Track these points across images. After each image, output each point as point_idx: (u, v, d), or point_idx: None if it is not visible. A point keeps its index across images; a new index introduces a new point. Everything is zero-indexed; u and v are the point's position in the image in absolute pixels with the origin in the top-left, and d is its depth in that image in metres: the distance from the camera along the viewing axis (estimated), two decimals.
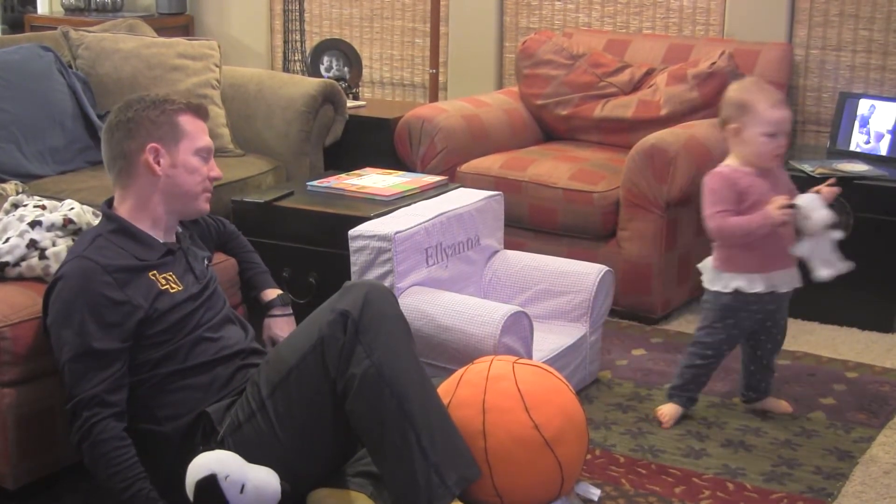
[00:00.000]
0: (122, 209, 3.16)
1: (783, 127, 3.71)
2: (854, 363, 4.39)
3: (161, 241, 3.17)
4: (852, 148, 5.11)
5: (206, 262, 3.33)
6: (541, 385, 3.17)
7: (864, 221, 4.67)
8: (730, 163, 3.79)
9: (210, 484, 2.82)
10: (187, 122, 3.17)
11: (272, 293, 3.58)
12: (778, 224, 3.65)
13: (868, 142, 5.09)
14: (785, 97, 5.17)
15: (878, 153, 5.05)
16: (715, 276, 3.81)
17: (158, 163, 3.12)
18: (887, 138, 5.05)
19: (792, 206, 3.65)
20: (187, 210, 3.22)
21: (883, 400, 4.07)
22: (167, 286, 3.09)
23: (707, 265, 3.86)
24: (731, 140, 3.77)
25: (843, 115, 5.16)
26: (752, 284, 3.76)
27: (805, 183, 4.70)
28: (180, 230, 3.30)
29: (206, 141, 3.21)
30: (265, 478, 2.90)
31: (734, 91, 3.78)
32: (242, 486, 2.84)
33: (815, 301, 4.79)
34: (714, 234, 3.75)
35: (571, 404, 3.19)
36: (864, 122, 5.11)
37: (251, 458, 2.93)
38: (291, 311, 3.58)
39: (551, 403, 3.13)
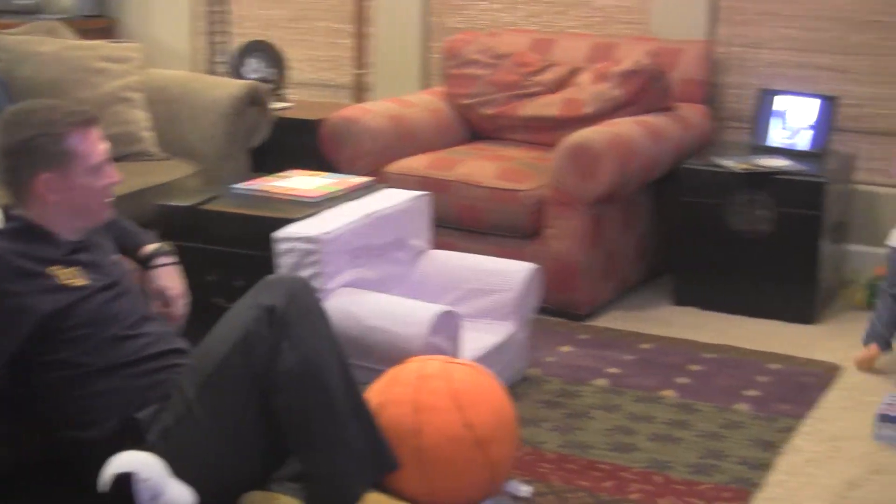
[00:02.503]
0: (24, 213, 3.13)
1: None
2: (777, 355, 4.45)
3: (66, 239, 3.14)
4: (773, 143, 5.18)
5: (114, 256, 3.30)
6: (473, 384, 3.20)
7: (786, 215, 4.74)
8: None
9: (127, 481, 2.82)
10: (78, 141, 3.07)
11: (152, 246, 3.50)
12: None
13: (788, 137, 5.17)
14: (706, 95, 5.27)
15: (798, 148, 5.12)
16: None
17: (52, 190, 3.05)
18: (807, 133, 5.13)
19: None
20: (87, 222, 3.18)
21: (805, 390, 4.13)
22: (70, 280, 3.07)
23: None
24: None
25: (763, 111, 5.23)
26: None
27: (728, 179, 4.79)
28: None
29: (99, 154, 3.12)
30: (183, 496, 2.90)
31: None
32: (157, 496, 2.84)
33: (739, 295, 4.86)
34: None
35: (503, 404, 3.23)
36: (784, 118, 5.19)
37: (183, 463, 2.93)
38: (176, 260, 3.51)
39: (483, 403, 3.16)
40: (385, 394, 3.16)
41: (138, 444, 2.99)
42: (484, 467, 3.12)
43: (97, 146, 3.13)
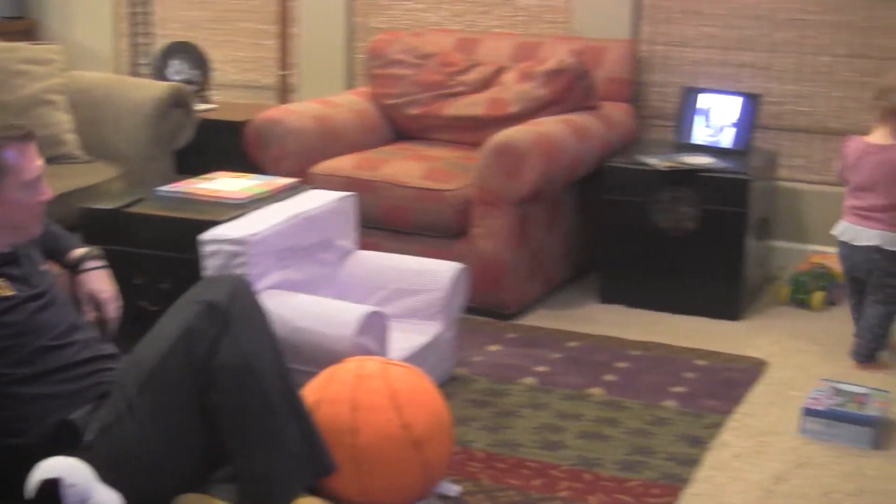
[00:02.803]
0: None
1: None
2: (703, 351, 4.48)
3: None
4: (697, 141, 5.22)
5: (43, 266, 3.28)
6: (410, 385, 3.20)
7: (710, 213, 4.77)
8: (884, 140, 4.34)
9: (53, 487, 2.79)
10: (15, 156, 3.04)
11: (81, 250, 3.47)
12: None
13: (711, 134, 5.20)
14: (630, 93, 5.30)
15: (721, 145, 5.16)
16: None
17: None
18: (730, 131, 5.17)
19: None
20: (18, 237, 3.15)
21: (732, 386, 4.16)
22: None
23: (891, 237, 4.32)
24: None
25: (687, 109, 5.27)
26: None
27: (652, 177, 4.81)
28: None
29: (33, 169, 3.09)
30: (110, 501, 2.87)
31: None
32: (84, 501, 2.82)
33: (665, 292, 4.89)
34: None
35: (439, 406, 3.23)
36: (708, 116, 5.22)
37: (120, 461, 2.92)
38: (105, 264, 3.48)
39: (420, 404, 3.16)
40: (322, 392, 3.16)
41: (74, 445, 2.97)
42: (419, 468, 3.13)
43: (33, 162, 3.10)
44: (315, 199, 4.03)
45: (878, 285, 4.34)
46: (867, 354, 4.36)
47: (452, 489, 3.33)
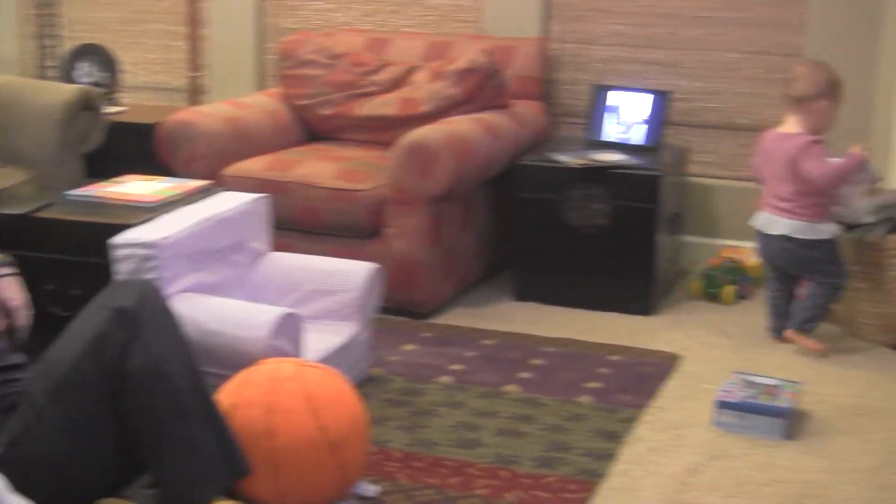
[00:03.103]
0: None
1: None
2: (617, 346, 4.52)
3: None
4: (608, 138, 5.25)
5: None
6: (327, 387, 3.19)
7: (622, 209, 4.81)
8: (795, 130, 4.43)
9: None
10: None
11: None
12: (862, 159, 4.42)
13: (622, 131, 5.24)
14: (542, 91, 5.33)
15: (632, 142, 5.20)
16: (816, 228, 4.42)
17: None
18: (640, 128, 5.21)
19: None
20: None
21: (646, 380, 4.20)
22: None
23: (799, 225, 4.42)
24: (804, 111, 4.41)
25: (597, 106, 5.30)
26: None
27: (564, 174, 4.84)
28: None
29: None
30: None
31: (816, 71, 4.44)
32: None
33: (578, 288, 4.92)
34: (826, 185, 4.38)
35: (355, 407, 3.23)
36: (618, 113, 5.26)
37: (34, 472, 2.88)
38: (16, 271, 3.41)
39: (337, 406, 3.16)
40: (237, 395, 3.14)
41: None
42: (336, 470, 3.12)
43: None
44: (227, 202, 4.01)
45: (810, 274, 4.43)
46: (802, 323, 4.47)
47: (370, 489, 3.33)
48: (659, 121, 5.20)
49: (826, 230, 4.41)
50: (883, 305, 4.51)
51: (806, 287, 4.54)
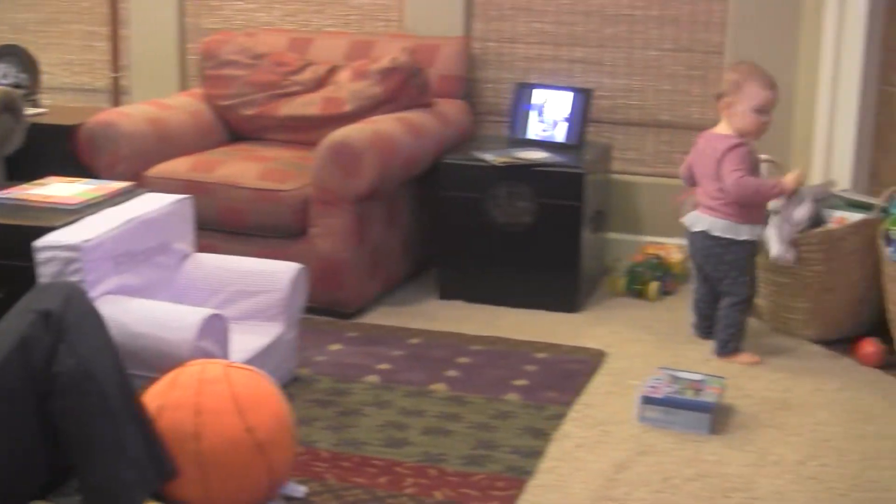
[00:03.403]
0: None
1: (770, 105, 4.35)
2: (543, 344, 4.53)
3: None
4: (531, 136, 5.27)
5: None
6: (254, 388, 3.18)
7: (546, 207, 4.83)
8: (724, 132, 4.40)
9: None
10: None
11: None
12: (786, 193, 4.38)
13: (545, 129, 5.26)
14: (464, 90, 5.33)
15: (555, 140, 5.22)
16: (735, 228, 4.39)
17: None
18: (564, 125, 5.23)
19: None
20: None
21: (572, 377, 4.22)
22: None
23: (719, 223, 4.40)
24: (724, 113, 4.40)
25: (521, 104, 5.32)
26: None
27: (488, 173, 4.85)
28: None
29: None
30: None
31: (730, 70, 4.47)
32: None
33: (504, 286, 4.93)
34: (735, 195, 4.33)
35: (282, 408, 3.22)
36: (541, 111, 5.28)
37: None
38: None
39: (264, 407, 3.15)
40: (165, 397, 3.12)
41: None
42: (264, 471, 3.11)
43: None
44: (151, 203, 3.98)
45: (719, 277, 4.44)
46: (722, 347, 4.45)
47: (298, 490, 3.32)
48: (582, 118, 5.22)
49: (745, 232, 4.39)
50: (806, 300, 4.56)
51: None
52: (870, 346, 4.40)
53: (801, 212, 4.41)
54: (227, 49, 5.44)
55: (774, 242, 4.43)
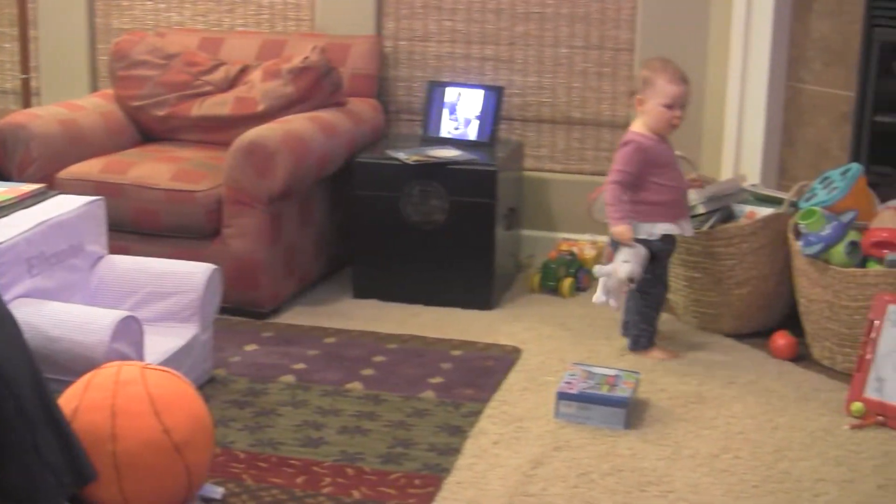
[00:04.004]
0: None
1: (678, 100, 4.34)
2: (458, 341, 4.55)
3: None
4: (443, 134, 5.29)
5: None
6: (170, 389, 3.17)
7: (459, 205, 4.84)
8: (638, 129, 4.39)
9: None
10: None
11: None
12: (623, 241, 4.30)
13: (457, 127, 5.28)
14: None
15: (468, 138, 5.24)
16: (636, 227, 4.35)
17: None
18: (475, 123, 5.25)
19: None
20: None
21: (488, 374, 4.23)
22: None
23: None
24: (637, 110, 4.41)
25: (433, 103, 5.33)
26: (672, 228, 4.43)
27: (400, 171, 4.86)
28: None
29: None
30: None
31: (642, 67, 4.50)
32: None
33: (418, 284, 4.94)
34: (608, 190, 4.35)
35: (199, 409, 3.21)
36: (453, 109, 5.30)
37: None
38: None
39: (181, 408, 3.14)
40: (80, 400, 3.10)
41: None
42: (182, 472, 3.10)
43: None
44: (62, 205, 3.95)
45: None
46: (634, 344, 4.48)
47: (216, 491, 3.31)
48: (494, 116, 5.24)
49: (641, 231, 4.36)
50: (719, 295, 4.61)
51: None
52: (782, 339, 4.46)
53: (625, 269, 4.27)
54: (138, 49, 5.40)
55: (600, 287, 4.38)
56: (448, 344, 4.52)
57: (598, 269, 4.35)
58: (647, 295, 4.44)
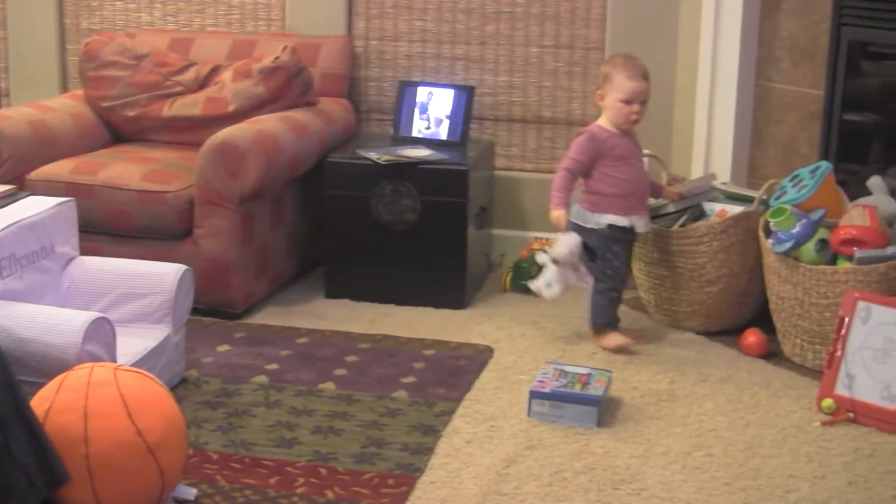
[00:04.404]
0: None
1: (637, 96, 4.43)
2: (431, 341, 4.56)
3: None
4: (414, 134, 5.29)
5: None
6: (143, 391, 3.16)
7: (431, 204, 4.85)
8: (600, 122, 4.52)
9: None
10: None
11: None
12: (558, 226, 4.50)
13: (428, 127, 5.28)
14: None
15: (439, 138, 5.25)
16: (586, 216, 4.54)
17: None
18: (446, 123, 5.25)
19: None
20: None
21: (460, 374, 4.24)
22: None
23: (576, 209, 4.57)
24: (600, 104, 4.52)
25: (404, 102, 5.33)
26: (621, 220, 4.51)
27: (372, 171, 4.86)
28: None
29: None
30: None
31: (604, 63, 4.66)
32: None
33: (390, 284, 4.95)
34: (557, 175, 4.52)
35: (172, 410, 3.20)
36: (424, 109, 5.30)
37: None
38: None
39: (154, 409, 3.13)
40: (52, 401, 3.09)
41: None
42: (155, 473, 3.09)
43: None
44: (33, 206, 3.94)
45: (593, 261, 4.56)
46: (591, 324, 4.57)
47: (189, 493, 3.31)
48: (465, 116, 5.25)
49: (591, 220, 4.51)
50: (690, 293, 4.63)
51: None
52: (752, 337, 4.48)
53: (542, 280, 4.56)
54: (108, 50, 5.38)
55: (541, 276, 4.56)
56: (420, 343, 4.53)
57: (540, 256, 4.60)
58: (601, 282, 4.52)
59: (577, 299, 4.68)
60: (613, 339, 4.49)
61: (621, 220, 4.49)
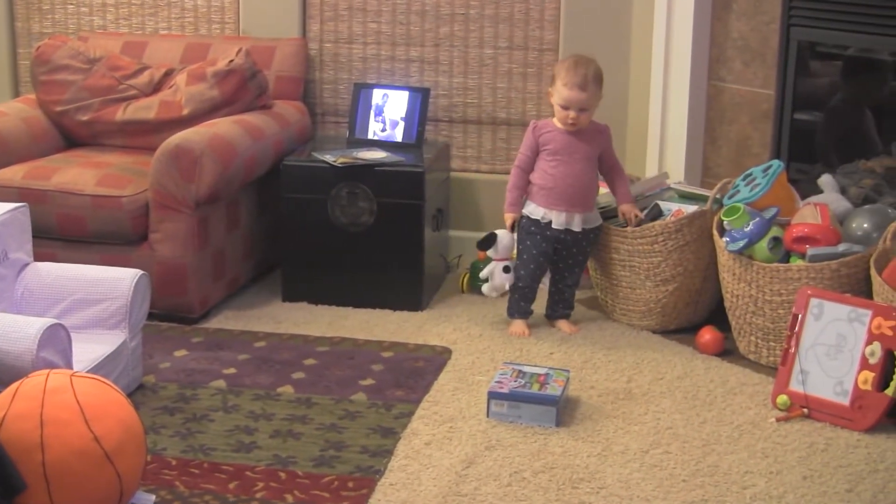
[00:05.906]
0: None
1: (573, 104, 4.53)
2: (389, 343, 4.56)
3: None
4: (370, 136, 5.29)
5: None
6: (100, 397, 3.15)
7: (387, 206, 4.85)
8: (553, 118, 4.65)
9: None
10: None
11: None
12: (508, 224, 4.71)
13: (384, 129, 5.29)
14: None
15: (395, 140, 5.25)
16: (525, 203, 4.71)
17: None
18: (401, 125, 5.26)
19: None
20: None
21: (419, 375, 4.25)
22: None
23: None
24: (550, 101, 4.66)
25: (359, 105, 5.33)
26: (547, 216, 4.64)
27: (328, 173, 4.86)
28: None
29: None
30: None
31: (556, 64, 4.82)
32: None
33: (348, 287, 4.95)
34: (511, 173, 4.73)
35: (130, 416, 3.19)
36: (380, 111, 5.31)
37: None
38: None
39: (111, 415, 3.12)
40: (7, 409, 3.07)
41: None
42: (113, 480, 3.08)
43: None
44: None
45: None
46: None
47: (148, 499, 3.30)
48: (420, 117, 5.25)
49: (526, 209, 4.69)
50: (645, 291, 4.66)
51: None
52: (708, 334, 4.51)
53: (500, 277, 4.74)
54: (60, 54, 5.35)
55: (491, 282, 4.73)
56: (378, 345, 4.53)
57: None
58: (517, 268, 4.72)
59: (535, 301, 4.71)
60: (515, 327, 4.70)
61: (536, 213, 4.64)
